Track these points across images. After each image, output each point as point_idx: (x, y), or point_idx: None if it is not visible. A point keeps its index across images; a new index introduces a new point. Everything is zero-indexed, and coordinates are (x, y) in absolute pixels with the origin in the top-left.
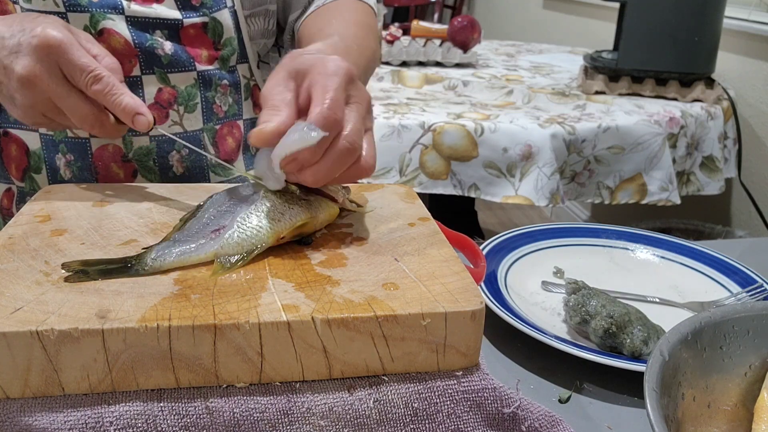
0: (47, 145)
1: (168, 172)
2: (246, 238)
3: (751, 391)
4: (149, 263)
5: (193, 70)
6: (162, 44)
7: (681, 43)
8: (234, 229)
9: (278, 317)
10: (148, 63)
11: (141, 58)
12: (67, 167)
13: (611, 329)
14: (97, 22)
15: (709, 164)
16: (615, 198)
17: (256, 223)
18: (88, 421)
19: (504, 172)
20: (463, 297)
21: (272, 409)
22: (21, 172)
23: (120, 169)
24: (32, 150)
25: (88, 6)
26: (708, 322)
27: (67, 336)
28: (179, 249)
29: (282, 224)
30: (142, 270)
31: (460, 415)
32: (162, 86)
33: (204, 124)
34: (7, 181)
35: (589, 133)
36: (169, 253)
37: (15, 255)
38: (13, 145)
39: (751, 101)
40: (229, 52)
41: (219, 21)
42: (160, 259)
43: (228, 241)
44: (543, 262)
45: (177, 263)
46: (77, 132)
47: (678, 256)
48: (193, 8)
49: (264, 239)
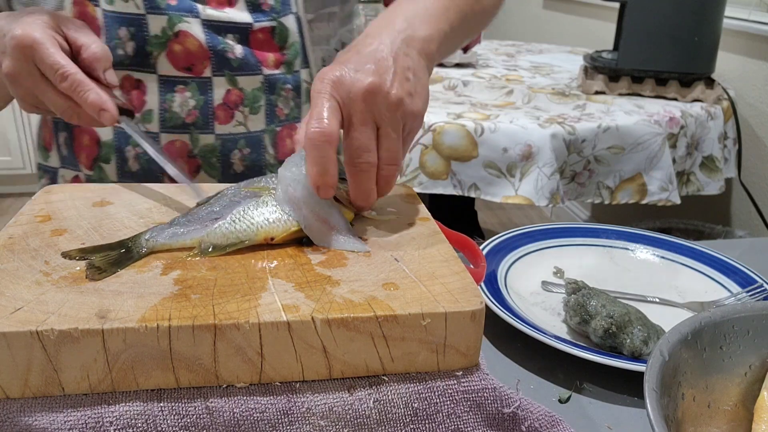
0: (119, 137)
1: (229, 170)
2: (233, 231)
3: (751, 391)
4: (143, 243)
5: (260, 73)
6: (233, 47)
7: (681, 43)
8: (225, 221)
9: (278, 317)
10: (219, 65)
11: (213, 60)
12: (136, 159)
13: (611, 329)
14: (174, 24)
15: (709, 164)
16: (615, 198)
17: (248, 219)
18: (88, 421)
19: (504, 172)
20: (463, 297)
21: (272, 409)
22: (91, 161)
23: (185, 163)
24: (104, 141)
25: (166, 9)
26: (708, 322)
27: (67, 336)
28: (172, 230)
29: (275, 226)
30: (138, 252)
31: (460, 415)
32: (230, 88)
33: (266, 126)
34: (76, 168)
35: (589, 133)
36: (162, 234)
37: (15, 255)
38: (85, 136)
39: (751, 101)
40: (292, 57)
41: (285, 25)
42: (153, 239)
43: (215, 230)
44: (543, 262)
45: (167, 245)
46: (149, 127)
47: (678, 256)
48: (263, 12)
49: (250, 236)
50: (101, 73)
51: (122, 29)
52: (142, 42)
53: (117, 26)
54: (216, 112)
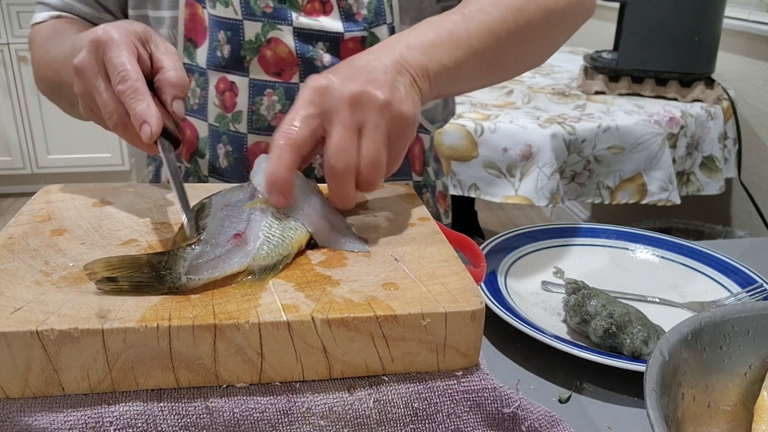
0: (213, 135)
1: (309, 175)
2: (274, 247)
3: (751, 391)
4: (183, 282)
5: None
6: (321, 56)
7: (681, 43)
8: (262, 240)
9: (278, 317)
10: (307, 72)
11: (301, 67)
12: (225, 157)
13: (611, 329)
14: (267, 31)
15: (709, 164)
16: (615, 198)
17: (278, 234)
18: (88, 421)
19: (504, 172)
20: (463, 297)
21: (272, 409)
22: (189, 155)
23: None
24: (201, 137)
25: (261, 16)
26: (708, 322)
27: (67, 336)
28: (211, 263)
29: (299, 234)
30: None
31: (460, 415)
32: None
33: None
34: (178, 159)
35: (589, 133)
36: (201, 272)
37: (15, 255)
38: (188, 130)
39: (751, 101)
40: None
41: (377, 36)
42: (194, 279)
43: (259, 253)
44: (543, 262)
45: (211, 279)
46: (237, 127)
47: (678, 256)
48: (355, 22)
49: (290, 250)
50: (169, 99)
51: (221, 32)
52: (237, 46)
53: (217, 29)
54: None
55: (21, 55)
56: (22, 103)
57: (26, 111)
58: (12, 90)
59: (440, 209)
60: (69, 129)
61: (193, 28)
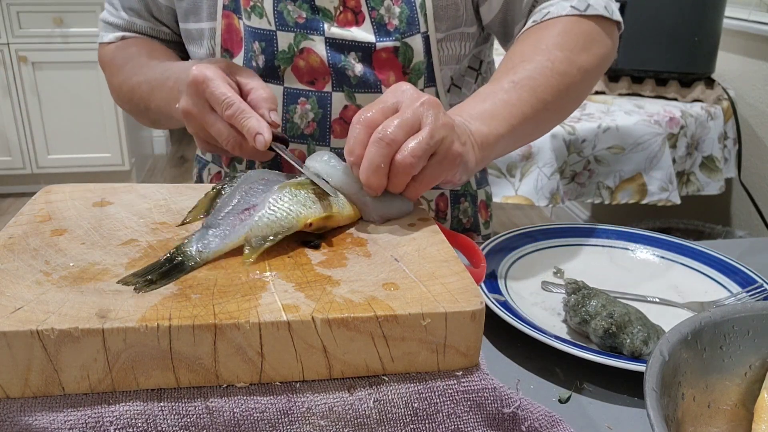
0: None
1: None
2: (276, 219)
3: (751, 391)
4: (195, 256)
5: (379, 92)
6: (353, 66)
7: (681, 43)
8: (265, 210)
9: (278, 317)
10: (339, 81)
11: (333, 76)
12: (260, 164)
13: (611, 329)
14: (299, 41)
15: (709, 164)
16: (615, 198)
17: (287, 206)
18: (88, 420)
19: (504, 172)
20: (463, 297)
21: (272, 409)
22: (228, 160)
23: None
24: None
25: (294, 27)
26: (708, 322)
27: (68, 336)
28: (213, 233)
29: (311, 211)
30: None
31: (460, 415)
32: (348, 104)
33: None
34: (219, 165)
35: (589, 133)
36: (210, 243)
37: (15, 255)
38: None
39: (751, 101)
40: (416, 77)
41: (410, 46)
42: (205, 251)
43: (258, 222)
44: (543, 262)
45: (219, 251)
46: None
47: (678, 256)
48: (387, 32)
49: (293, 222)
50: (266, 112)
51: (256, 43)
52: (271, 56)
53: (252, 40)
54: (333, 126)
55: (21, 55)
56: (22, 103)
57: (26, 111)
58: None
59: (480, 219)
60: (69, 129)
61: (230, 39)
